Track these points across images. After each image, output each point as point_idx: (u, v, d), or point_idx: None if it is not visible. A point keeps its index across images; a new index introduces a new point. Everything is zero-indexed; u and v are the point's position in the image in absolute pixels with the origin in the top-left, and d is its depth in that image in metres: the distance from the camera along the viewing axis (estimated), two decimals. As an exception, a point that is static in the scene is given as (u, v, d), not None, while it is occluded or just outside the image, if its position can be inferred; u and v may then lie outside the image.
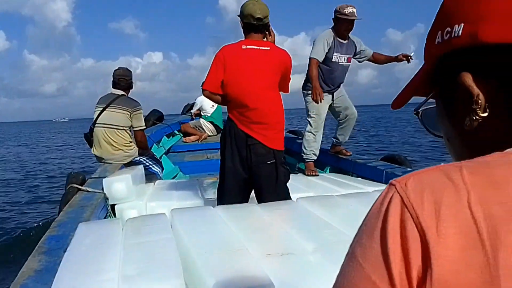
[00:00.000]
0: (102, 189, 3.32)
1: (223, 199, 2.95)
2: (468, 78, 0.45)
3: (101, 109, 4.49)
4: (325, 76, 4.39)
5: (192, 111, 9.31)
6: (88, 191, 3.33)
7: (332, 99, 4.52)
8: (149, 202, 3.39)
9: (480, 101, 0.44)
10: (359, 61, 4.63)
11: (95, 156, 4.62)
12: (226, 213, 2.21)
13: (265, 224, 2.08)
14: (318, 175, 4.36)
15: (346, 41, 4.33)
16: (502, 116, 0.44)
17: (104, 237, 1.92)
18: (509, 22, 0.42)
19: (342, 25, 4.20)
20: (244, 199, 2.94)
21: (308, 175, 4.35)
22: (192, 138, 7.87)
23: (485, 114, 0.44)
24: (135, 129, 4.57)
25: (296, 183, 3.82)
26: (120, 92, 4.58)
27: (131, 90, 4.74)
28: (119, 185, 3.33)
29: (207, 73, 2.88)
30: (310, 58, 4.25)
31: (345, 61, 4.38)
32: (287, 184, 2.94)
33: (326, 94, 4.36)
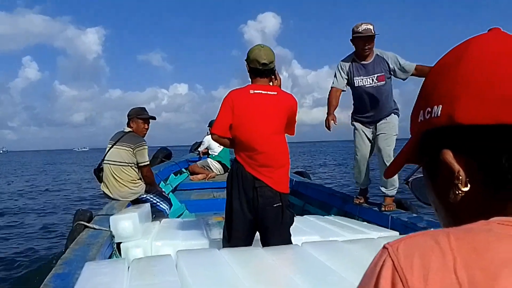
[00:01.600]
0: (109, 226, 3.34)
1: (229, 240, 2.96)
2: (449, 155, 0.49)
3: (110, 146, 4.59)
4: (357, 105, 4.17)
5: (199, 149, 9.39)
6: (94, 229, 3.36)
7: (375, 131, 4.15)
8: (154, 241, 3.39)
9: (461, 177, 0.47)
10: (402, 79, 4.07)
11: (103, 192, 4.67)
12: (231, 256, 2.23)
13: (270, 268, 2.09)
14: (361, 204, 4.35)
15: (369, 60, 4.02)
16: (482, 190, 0.47)
17: (110, 278, 1.94)
18: (481, 106, 0.46)
19: (358, 44, 3.97)
20: (250, 241, 2.95)
21: (354, 203, 4.42)
22: (199, 176, 7.91)
23: (467, 189, 0.47)
24: (140, 165, 4.63)
25: (301, 226, 3.83)
26: (128, 129, 4.69)
27: (140, 127, 4.76)
28: (125, 224, 3.35)
29: (216, 116, 2.95)
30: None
31: (374, 82, 4.00)
32: (291, 227, 2.96)
33: (367, 126, 4.15)
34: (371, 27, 3.87)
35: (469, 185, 0.48)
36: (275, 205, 2.83)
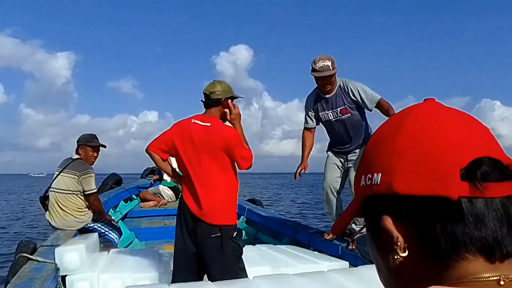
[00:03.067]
0: (54, 259, 3.21)
1: (175, 275, 2.95)
2: (388, 222, 0.51)
3: (57, 173, 4.44)
4: (330, 137, 4.15)
5: (152, 176, 9.25)
6: (38, 261, 3.21)
7: (345, 162, 4.08)
8: (102, 274, 3.28)
9: (399, 243, 0.50)
10: (368, 110, 3.89)
11: (48, 221, 4.49)
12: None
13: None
14: (332, 240, 4.12)
15: (331, 94, 3.86)
16: (419, 257, 0.50)
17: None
18: (416, 178, 0.49)
19: (317, 81, 3.83)
20: (195, 274, 2.91)
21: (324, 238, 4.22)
22: (151, 203, 7.74)
23: (405, 254, 0.50)
24: (86, 193, 4.47)
25: (253, 256, 3.83)
26: (76, 156, 4.55)
27: (88, 154, 4.63)
28: (71, 256, 3.23)
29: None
30: None
31: (338, 115, 3.87)
32: (243, 257, 2.95)
33: (339, 156, 4.07)
34: (329, 63, 3.67)
35: (407, 251, 0.50)
36: (213, 236, 2.81)
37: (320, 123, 4.09)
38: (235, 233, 2.90)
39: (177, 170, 3.21)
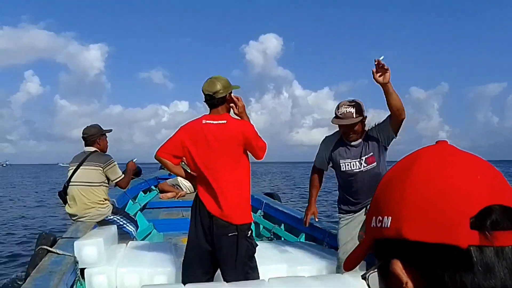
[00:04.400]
0: (73, 251, 3.26)
1: (184, 274, 2.97)
2: (398, 267, 0.50)
3: (74, 167, 4.49)
4: (344, 191, 3.40)
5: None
6: (58, 254, 3.26)
7: (360, 223, 3.29)
8: (120, 268, 3.33)
9: None
10: (393, 136, 3.20)
11: (68, 214, 4.56)
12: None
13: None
14: None
15: (357, 141, 3.23)
16: None
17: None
18: (425, 226, 0.48)
19: (340, 129, 3.22)
20: (207, 273, 2.93)
21: None
22: (169, 194, 7.81)
23: None
24: (115, 181, 4.56)
25: (269, 252, 3.84)
26: (92, 149, 4.59)
27: (104, 145, 4.71)
28: (90, 249, 3.28)
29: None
30: None
31: (362, 166, 3.22)
32: (259, 254, 2.95)
33: (352, 214, 3.31)
34: (353, 110, 3.07)
35: None
36: (230, 235, 2.82)
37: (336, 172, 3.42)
38: (249, 232, 2.91)
39: (189, 171, 3.19)
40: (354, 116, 3.06)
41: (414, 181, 0.51)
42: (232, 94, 3.00)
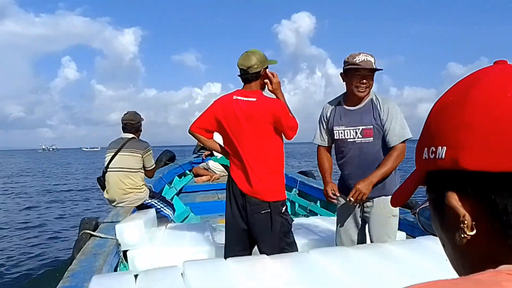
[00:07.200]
0: (115, 234, 3.34)
1: (226, 249, 3.00)
2: (454, 199, 0.47)
3: (112, 153, 4.57)
4: (339, 167, 3.03)
5: (204, 151, 9.42)
6: (100, 237, 3.35)
7: (360, 212, 2.94)
8: (161, 249, 3.40)
9: (466, 221, 0.46)
10: (386, 142, 2.81)
11: (107, 199, 4.67)
12: (238, 266, 2.21)
13: (277, 278, 2.08)
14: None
15: (358, 105, 2.86)
16: (489, 235, 0.45)
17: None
18: (486, 153, 0.44)
19: (351, 80, 2.79)
20: (244, 250, 2.94)
21: None
22: (204, 178, 7.91)
23: (473, 233, 0.45)
24: (147, 169, 4.66)
25: (307, 228, 3.84)
26: (129, 135, 4.67)
27: (141, 133, 4.84)
28: (131, 232, 3.36)
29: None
30: None
31: (356, 135, 2.83)
32: (297, 230, 2.94)
33: (344, 196, 2.93)
34: (372, 59, 2.76)
35: (475, 230, 0.46)
36: (262, 212, 2.81)
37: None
38: (283, 209, 2.87)
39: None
40: (373, 66, 2.75)
41: (473, 105, 0.46)
42: (267, 70, 2.92)
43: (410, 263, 2.20)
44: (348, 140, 2.85)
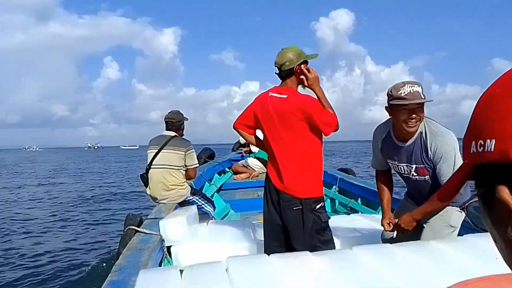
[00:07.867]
0: (159, 230, 3.42)
1: (265, 245, 3.03)
2: (505, 193, 0.45)
3: (155, 151, 4.67)
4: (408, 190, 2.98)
5: (243, 149, 9.48)
6: (145, 233, 3.44)
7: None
8: (203, 245, 3.45)
9: None
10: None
11: (150, 196, 4.78)
12: (281, 263, 2.23)
13: (321, 275, 2.07)
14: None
15: (407, 142, 2.66)
16: None
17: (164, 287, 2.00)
18: None
19: (398, 115, 2.56)
20: (282, 245, 2.93)
21: None
22: (243, 175, 7.96)
23: None
24: (189, 167, 4.73)
25: (346, 225, 3.81)
26: (172, 133, 4.76)
27: (183, 132, 4.92)
28: (175, 228, 3.43)
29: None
30: None
31: (411, 173, 2.70)
32: (334, 229, 2.92)
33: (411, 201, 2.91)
34: (419, 89, 2.48)
35: None
36: (294, 208, 2.80)
37: None
38: (317, 206, 2.82)
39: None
40: (422, 97, 2.46)
41: None
42: (303, 66, 2.85)
43: (457, 261, 2.15)
44: (404, 175, 2.77)
